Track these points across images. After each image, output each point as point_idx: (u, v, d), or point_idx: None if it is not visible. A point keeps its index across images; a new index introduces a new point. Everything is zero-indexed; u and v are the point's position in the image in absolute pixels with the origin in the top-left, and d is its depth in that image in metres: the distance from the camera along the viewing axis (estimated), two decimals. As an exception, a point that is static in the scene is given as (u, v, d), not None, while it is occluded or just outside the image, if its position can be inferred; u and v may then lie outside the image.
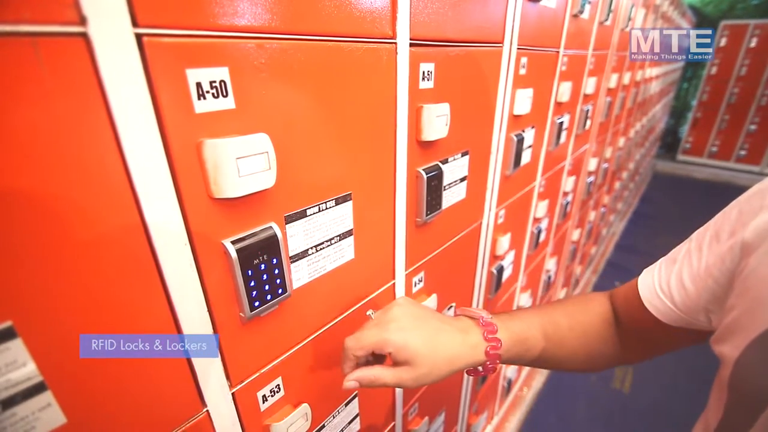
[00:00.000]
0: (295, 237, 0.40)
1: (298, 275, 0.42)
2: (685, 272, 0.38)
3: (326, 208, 0.43)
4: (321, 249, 0.44)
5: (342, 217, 0.45)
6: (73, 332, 0.26)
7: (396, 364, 0.39)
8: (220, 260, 0.34)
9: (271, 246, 0.36)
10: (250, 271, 0.35)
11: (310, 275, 0.44)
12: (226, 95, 0.30)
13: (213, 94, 0.29)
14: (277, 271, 0.38)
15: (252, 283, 0.36)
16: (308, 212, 0.41)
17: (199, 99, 0.29)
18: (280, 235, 0.37)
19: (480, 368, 0.43)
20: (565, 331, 0.47)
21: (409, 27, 0.45)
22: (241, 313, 0.37)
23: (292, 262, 0.41)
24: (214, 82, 0.29)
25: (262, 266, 0.36)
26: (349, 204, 0.46)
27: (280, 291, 0.39)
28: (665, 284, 0.40)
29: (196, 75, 0.28)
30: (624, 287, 0.47)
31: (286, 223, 0.39)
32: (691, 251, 0.38)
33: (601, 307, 0.48)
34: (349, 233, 0.47)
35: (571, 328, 0.47)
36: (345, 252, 0.48)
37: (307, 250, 0.42)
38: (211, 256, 0.33)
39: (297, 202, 0.40)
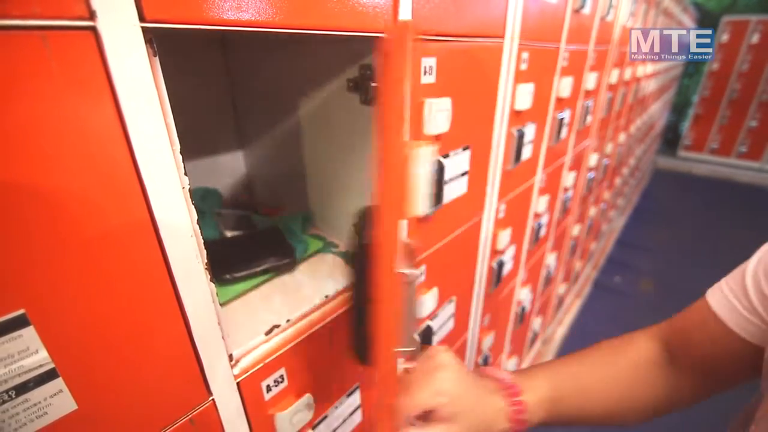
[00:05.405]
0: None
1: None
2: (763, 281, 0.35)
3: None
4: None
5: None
6: (84, 320, 0.27)
7: (436, 419, 0.36)
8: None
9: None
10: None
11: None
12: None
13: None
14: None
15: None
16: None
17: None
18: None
19: None
20: (595, 383, 0.43)
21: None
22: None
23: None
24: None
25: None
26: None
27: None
28: (743, 298, 0.37)
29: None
30: (681, 317, 0.42)
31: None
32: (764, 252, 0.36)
33: (645, 350, 0.45)
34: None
35: (602, 379, 0.43)
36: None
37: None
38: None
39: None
